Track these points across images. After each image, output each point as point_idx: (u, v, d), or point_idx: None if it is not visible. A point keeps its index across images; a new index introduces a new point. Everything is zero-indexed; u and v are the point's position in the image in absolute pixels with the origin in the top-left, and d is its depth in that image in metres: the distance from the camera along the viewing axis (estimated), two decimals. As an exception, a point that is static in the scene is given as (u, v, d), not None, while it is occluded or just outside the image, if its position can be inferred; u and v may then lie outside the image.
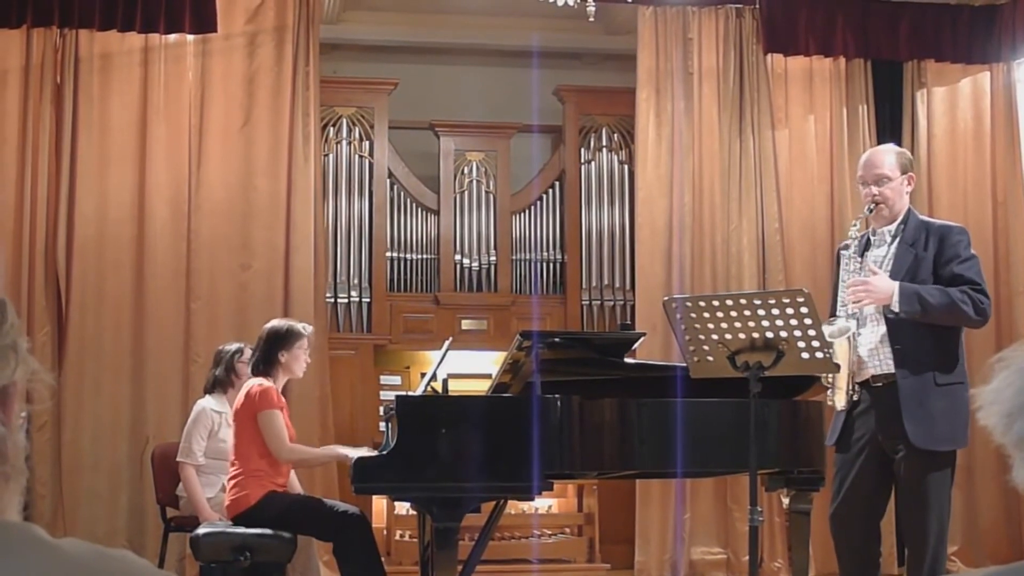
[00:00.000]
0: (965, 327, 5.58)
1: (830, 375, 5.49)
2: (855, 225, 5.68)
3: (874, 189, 5.60)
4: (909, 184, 5.69)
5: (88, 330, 8.81)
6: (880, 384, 5.48)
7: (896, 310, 5.37)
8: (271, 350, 6.55)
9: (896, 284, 5.39)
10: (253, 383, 6.49)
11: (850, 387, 5.50)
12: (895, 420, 5.38)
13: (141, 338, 8.90)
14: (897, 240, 5.61)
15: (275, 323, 6.72)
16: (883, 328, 5.45)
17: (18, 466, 1.45)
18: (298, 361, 6.60)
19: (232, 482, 6.46)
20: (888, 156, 5.69)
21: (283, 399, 6.59)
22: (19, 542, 1.32)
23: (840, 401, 5.51)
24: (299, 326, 6.71)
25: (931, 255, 5.51)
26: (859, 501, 5.63)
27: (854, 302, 5.48)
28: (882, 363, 5.49)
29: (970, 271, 5.49)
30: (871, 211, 5.63)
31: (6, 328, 1.46)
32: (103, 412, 8.76)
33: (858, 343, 5.55)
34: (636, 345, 6.46)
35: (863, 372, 5.55)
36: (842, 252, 5.74)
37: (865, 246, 5.70)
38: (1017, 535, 9.57)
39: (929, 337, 5.44)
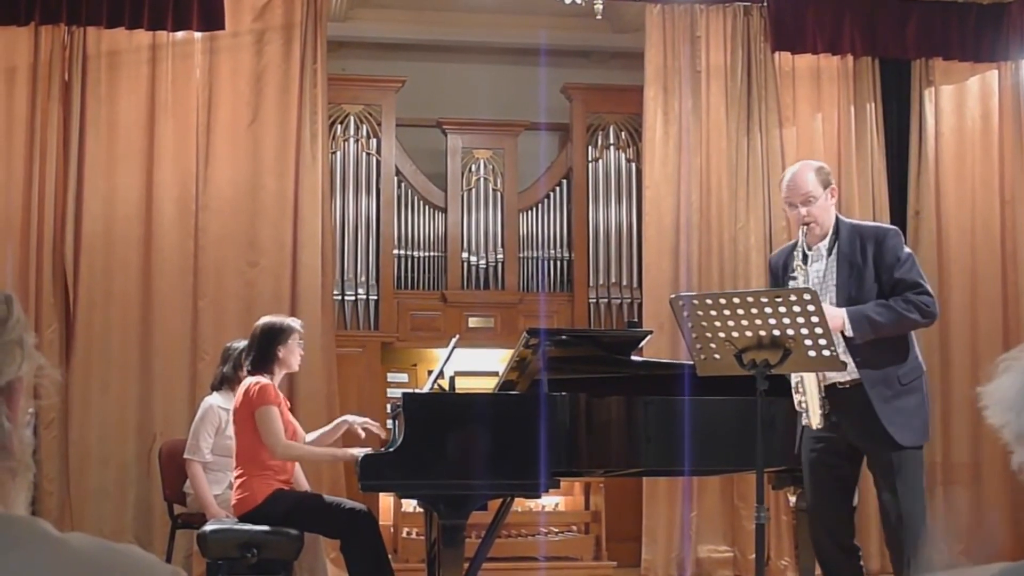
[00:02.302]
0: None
1: (803, 400, 5.52)
2: (795, 256, 5.67)
3: (803, 210, 5.64)
4: (832, 197, 5.73)
5: (96, 327, 8.82)
6: (845, 386, 5.51)
7: (850, 335, 5.40)
8: (268, 346, 6.57)
9: (844, 312, 5.41)
10: (250, 381, 6.51)
11: (823, 407, 5.51)
12: (870, 422, 5.42)
13: (149, 335, 8.91)
14: (834, 252, 5.64)
15: (266, 320, 6.73)
16: (843, 343, 5.46)
17: (24, 462, 1.46)
18: (294, 355, 6.63)
19: (238, 482, 6.47)
20: (808, 174, 5.70)
21: (282, 396, 6.60)
22: (26, 536, 1.32)
23: (815, 421, 5.52)
24: (290, 320, 6.74)
25: (871, 262, 5.54)
26: (834, 500, 5.66)
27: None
28: (847, 372, 5.50)
29: (911, 272, 5.53)
30: (804, 233, 5.66)
31: (11, 323, 1.46)
32: (110, 409, 8.76)
33: None
34: (643, 343, 6.46)
35: (826, 379, 5.56)
36: (790, 283, 5.73)
37: (803, 262, 5.71)
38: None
39: (884, 345, 5.48)
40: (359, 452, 6.13)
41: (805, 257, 5.68)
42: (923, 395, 5.56)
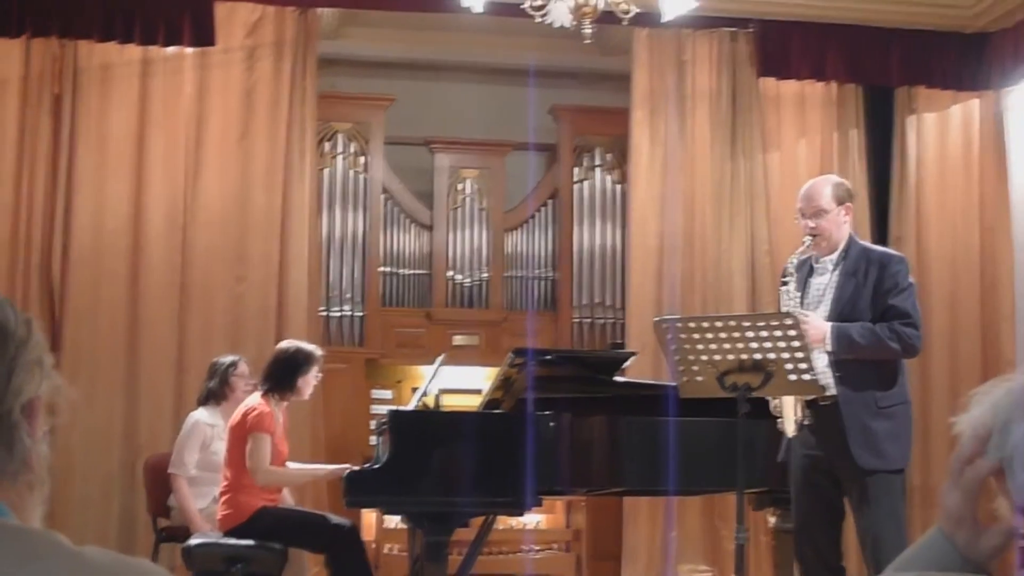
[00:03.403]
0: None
1: (777, 406, 5.57)
2: (792, 262, 5.74)
3: (810, 223, 5.68)
4: (847, 214, 5.74)
5: (83, 340, 8.84)
6: (826, 404, 5.52)
7: (829, 350, 5.46)
8: (291, 374, 6.58)
9: (829, 326, 5.47)
10: (254, 403, 6.52)
11: (797, 414, 5.56)
12: (840, 442, 5.45)
13: (135, 349, 8.94)
14: (839, 269, 5.68)
15: (293, 345, 6.74)
16: (828, 357, 5.52)
17: (41, 476, 1.52)
18: (309, 385, 6.68)
19: (224, 497, 6.52)
20: (825, 188, 5.74)
21: (281, 420, 6.63)
22: (44, 549, 1.38)
23: (790, 429, 5.57)
24: (314, 348, 6.76)
25: (871, 284, 5.58)
26: (821, 517, 5.69)
27: None
28: (828, 388, 5.55)
29: (905, 302, 5.57)
30: (808, 244, 5.70)
31: (31, 344, 1.53)
32: (96, 422, 8.77)
33: None
34: (627, 364, 6.52)
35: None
36: (781, 288, 5.78)
37: (808, 273, 5.78)
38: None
39: (869, 363, 5.52)
40: (338, 468, 6.19)
41: (811, 270, 5.74)
42: (902, 423, 5.56)
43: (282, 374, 6.56)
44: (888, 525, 5.47)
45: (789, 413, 5.51)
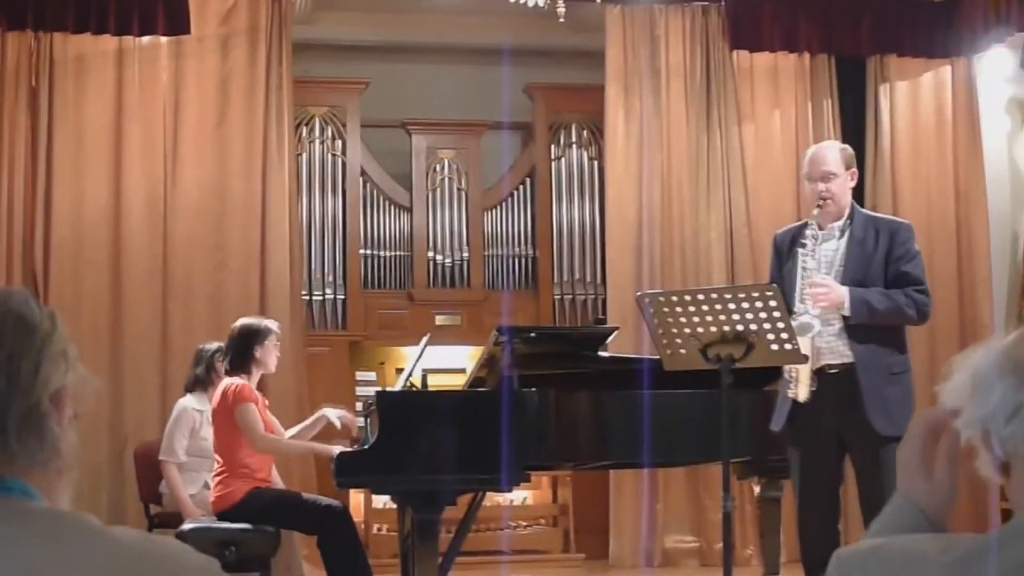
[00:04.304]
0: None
1: (794, 369, 5.60)
2: (811, 225, 5.70)
3: (821, 186, 5.63)
4: (852, 179, 5.74)
5: (65, 330, 8.84)
6: (835, 371, 5.55)
7: (847, 315, 5.48)
8: (246, 347, 6.66)
9: (846, 291, 5.47)
10: (227, 382, 6.60)
11: (812, 382, 5.58)
12: (854, 408, 5.45)
13: (119, 338, 8.98)
14: (847, 235, 5.66)
15: (244, 321, 6.82)
16: (840, 323, 5.55)
17: (69, 462, 1.59)
18: (271, 355, 6.72)
19: (217, 479, 6.58)
20: (833, 152, 5.74)
21: (260, 395, 6.69)
22: (76, 529, 1.45)
23: (802, 394, 5.58)
24: (267, 321, 6.84)
25: (882, 252, 5.58)
26: (823, 490, 5.69)
27: (814, 302, 5.55)
28: (838, 355, 5.57)
29: (916, 269, 5.60)
30: (820, 208, 5.68)
31: (56, 336, 1.60)
32: (82, 411, 8.79)
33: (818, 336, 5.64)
34: (610, 339, 6.59)
35: (818, 361, 5.57)
36: (798, 250, 5.75)
37: (797, 244, 5.68)
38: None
39: (883, 329, 5.54)
40: (336, 449, 6.26)
41: (817, 238, 5.68)
42: (908, 389, 5.57)
43: (240, 349, 6.64)
44: (892, 489, 5.46)
45: (804, 379, 5.52)
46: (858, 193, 9.84)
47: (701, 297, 5.17)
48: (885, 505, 1.99)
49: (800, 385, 5.56)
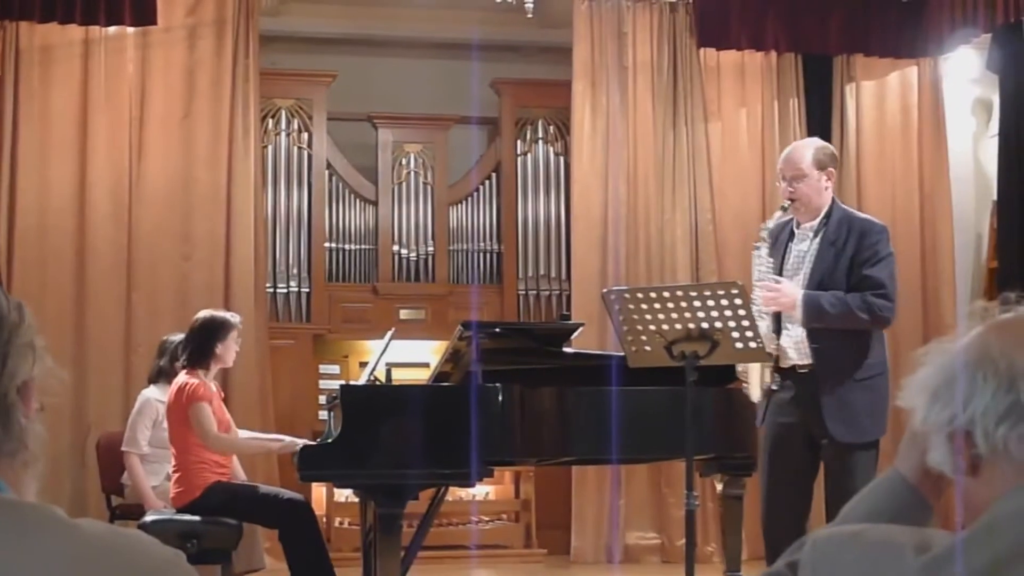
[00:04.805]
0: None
1: (744, 373, 5.62)
2: (767, 226, 5.73)
3: (787, 186, 5.64)
4: (828, 180, 5.68)
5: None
6: (804, 371, 5.55)
7: (798, 318, 5.49)
8: (206, 342, 6.61)
9: (800, 294, 5.47)
10: (182, 379, 6.54)
11: (764, 379, 5.60)
12: (816, 412, 5.48)
13: (83, 328, 8.95)
14: (819, 236, 5.64)
15: (206, 314, 6.77)
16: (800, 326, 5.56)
17: (36, 454, 1.59)
18: (230, 351, 6.69)
19: (175, 475, 6.55)
20: (807, 152, 5.70)
21: (215, 390, 6.65)
22: (41, 521, 1.45)
23: (755, 394, 5.62)
24: (230, 316, 6.80)
25: (849, 254, 5.55)
26: (789, 485, 5.70)
27: (764, 303, 5.57)
28: (803, 356, 5.58)
29: (880, 273, 5.53)
30: (785, 208, 5.69)
31: (24, 328, 1.59)
32: (45, 400, 8.75)
33: (781, 338, 5.65)
34: (575, 335, 6.60)
35: (786, 360, 5.60)
36: (754, 252, 5.77)
37: (789, 237, 5.75)
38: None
39: (842, 334, 5.52)
40: (289, 442, 6.25)
41: (792, 235, 5.70)
42: (877, 396, 5.51)
43: (200, 343, 6.59)
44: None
45: (755, 379, 5.54)
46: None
47: (667, 294, 5.18)
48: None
49: (752, 387, 5.59)
